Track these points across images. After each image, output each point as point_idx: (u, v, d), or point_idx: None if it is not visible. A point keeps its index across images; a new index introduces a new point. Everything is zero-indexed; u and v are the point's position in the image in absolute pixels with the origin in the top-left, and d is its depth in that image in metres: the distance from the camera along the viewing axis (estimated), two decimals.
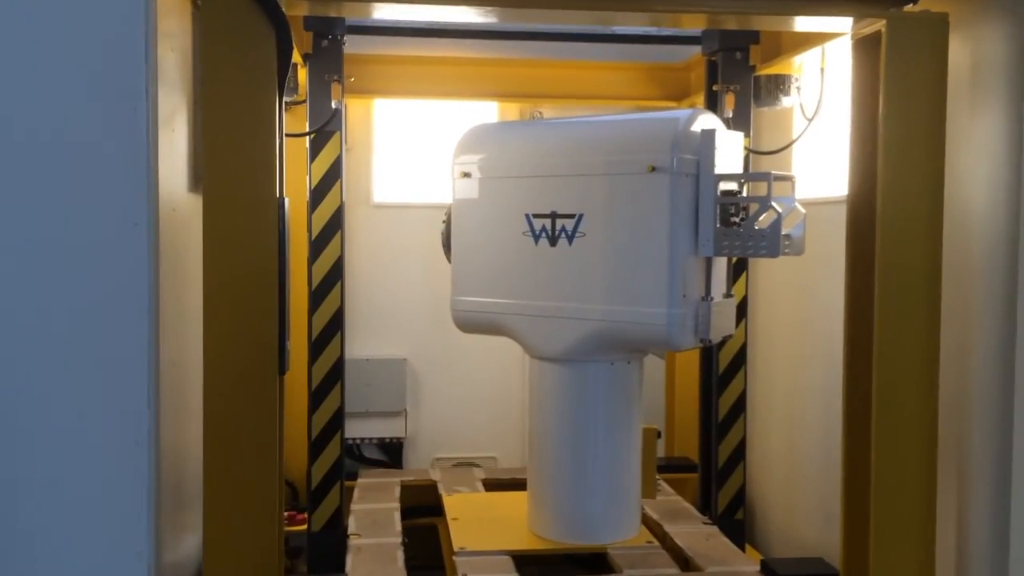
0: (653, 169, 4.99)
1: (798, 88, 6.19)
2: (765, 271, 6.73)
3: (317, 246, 5.81)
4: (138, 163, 3.36)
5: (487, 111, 8.00)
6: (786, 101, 6.15)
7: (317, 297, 5.77)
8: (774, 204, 4.90)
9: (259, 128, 4.01)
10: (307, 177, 5.90)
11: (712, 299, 5.17)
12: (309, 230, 5.83)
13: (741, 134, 5.39)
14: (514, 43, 7.84)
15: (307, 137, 5.83)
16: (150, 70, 3.49)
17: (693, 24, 4.97)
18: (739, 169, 5.35)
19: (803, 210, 5.14)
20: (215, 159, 3.80)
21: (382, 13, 4.43)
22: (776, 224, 4.84)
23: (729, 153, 5.27)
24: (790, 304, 6.49)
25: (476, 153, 5.83)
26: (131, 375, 3.40)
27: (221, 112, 3.77)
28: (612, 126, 5.52)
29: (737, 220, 5.10)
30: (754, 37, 6.02)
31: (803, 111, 6.20)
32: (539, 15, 4.56)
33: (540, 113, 8.05)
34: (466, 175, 5.79)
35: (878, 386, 4.23)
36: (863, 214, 4.58)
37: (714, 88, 6.06)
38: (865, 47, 4.58)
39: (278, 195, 4.09)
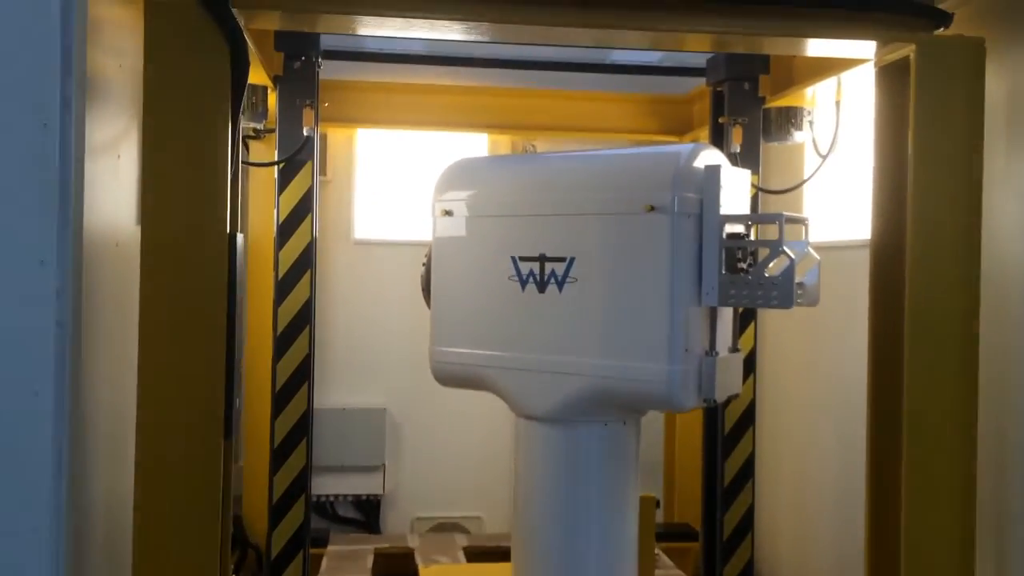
0: (652, 209, 4.58)
1: (811, 122, 5.81)
2: (774, 321, 6.29)
3: (283, 287, 5.38)
4: (47, 190, 2.91)
5: (477, 143, 7.70)
6: (798, 136, 5.77)
7: (281, 344, 5.33)
8: (786, 249, 4.49)
9: (209, 153, 3.64)
10: (274, 210, 5.47)
11: (717, 354, 4.72)
12: (276, 269, 5.38)
13: (748, 171, 4.98)
14: (506, 72, 7.56)
15: (275, 167, 5.41)
16: (73, 82, 3.06)
17: (698, 46, 4.59)
18: (747, 209, 4.94)
19: (817, 256, 4.72)
20: (155, 188, 3.44)
21: (364, 27, 4.02)
22: (789, 271, 4.42)
23: (736, 192, 4.86)
24: (801, 357, 6.04)
25: (459, 189, 5.41)
26: (35, 431, 2.94)
27: (164, 134, 3.42)
28: (607, 161, 5.12)
29: (744, 266, 4.68)
30: (764, 66, 5.65)
31: (816, 147, 5.82)
32: (533, 33, 4.16)
33: (533, 147, 7.70)
34: (448, 213, 5.37)
35: (909, 450, 3.80)
36: (889, 259, 4.17)
37: (720, 121, 5.69)
38: (890, 75, 4.20)
39: (229, 229, 3.65)
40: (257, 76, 5.36)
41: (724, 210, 4.63)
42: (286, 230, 5.47)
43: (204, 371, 3.56)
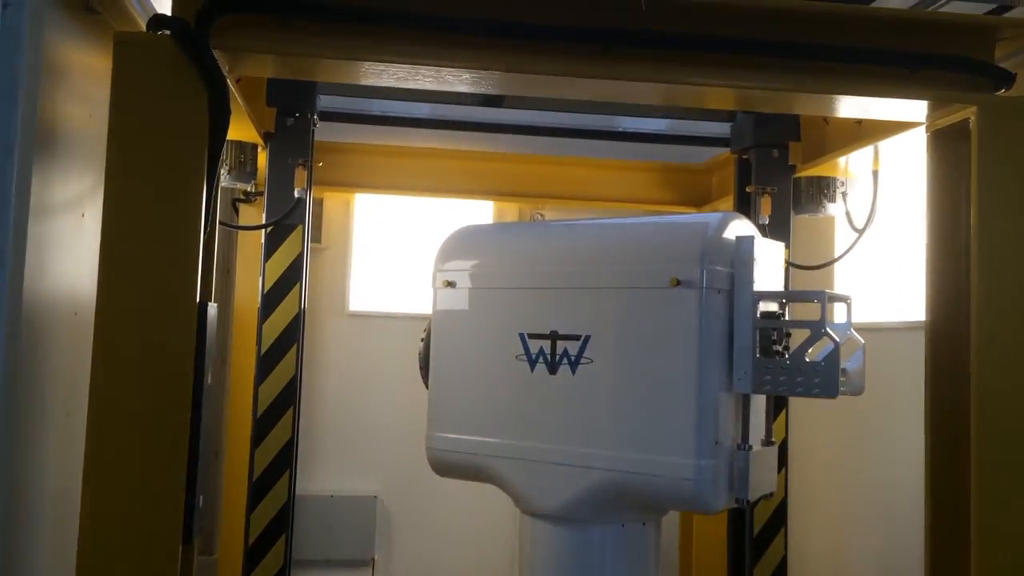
0: (678, 283, 4.17)
1: (844, 193, 5.41)
2: (805, 410, 5.79)
3: (265, 363, 4.92)
4: None
5: (482, 211, 7.39)
6: (831, 208, 5.36)
7: (261, 427, 4.85)
8: (830, 331, 4.04)
9: (180, 211, 3.25)
10: (259, 279, 5.04)
11: (751, 447, 4.24)
12: (258, 343, 4.92)
13: (782, 244, 4.56)
14: (514, 138, 7.29)
15: (263, 231, 5.00)
16: (17, 125, 2.67)
17: (727, 104, 4.20)
18: (781, 285, 4.51)
19: (861, 339, 4.28)
20: (115, 249, 3.05)
21: (366, 75, 3.63)
22: (833, 356, 3.99)
23: (769, 266, 4.46)
24: (835, 451, 5.53)
25: (463, 258, 5.00)
26: None
27: (129, 188, 3.05)
28: (627, 230, 4.72)
29: (780, 348, 4.23)
30: (794, 132, 5.31)
31: (850, 220, 5.41)
32: (548, 85, 3.76)
33: (541, 215, 7.37)
34: (450, 284, 4.95)
35: (978, 563, 3.27)
36: (948, 342, 3.76)
37: (747, 190, 5.29)
38: (945, 141, 3.82)
39: (200, 298, 3.23)
40: (246, 133, 5.01)
41: (758, 286, 4.22)
42: (271, 300, 5.04)
43: (163, 464, 3.10)
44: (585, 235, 4.85)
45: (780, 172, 5.36)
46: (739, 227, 4.48)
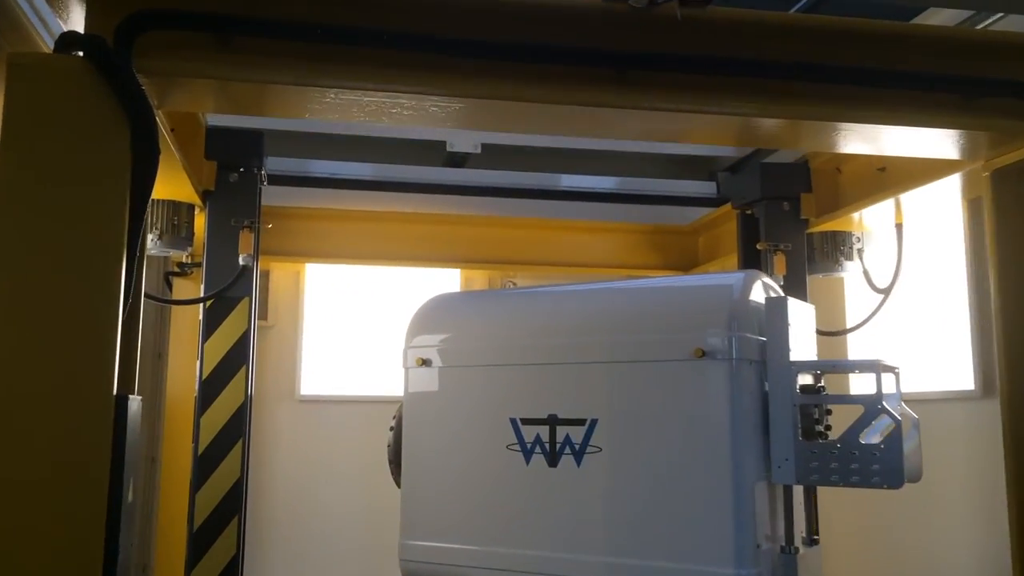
0: (702, 354, 3.59)
1: (860, 250, 4.87)
2: (824, 497, 5.13)
3: (205, 465, 4.13)
4: None
5: (448, 280, 6.77)
6: (848, 266, 4.81)
7: (199, 543, 4.01)
8: (888, 407, 3.43)
9: (93, 282, 2.57)
10: (197, 364, 4.26)
11: (797, 550, 3.57)
12: (195, 441, 4.12)
13: (813, 306, 3.97)
14: (480, 199, 6.69)
15: (200, 305, 4.25)
16: None
17: (744, 138, 3.59)
18: (815, 353, 3.92)
19: (915, 415, 3.69)
20: (8, 331, 2.33)
21: (328, 105, 2.94)
22: (895, 438, 3.38)
23: (802, 332, 3.87)
24: (869, 539, 4.87)
25: (438, 332, 4.39)
26: None
27: (26, 252, 2.34)
28: (637, 295, 4.14)
29: (822, 428, 3.62)
30: (804, 183, 4.80)
31: (869, 279, 4.86)
32: (546, 115, 3.12)
33: (513, 283, 6.81)
34: (424, 363, 4.32)
35: None
36: None
37: (758, 247, 4.72)
38: (1010, 181, 3.26)
39: (119, 390, 2.58)
40: (182, 191, 4.30)
41: (796, 355, 3.62)
42: (212, 388, 4.28)
43: None
44: (587, 302, 4.23)
45: (792, 227, 4.84)
46: (765, 287, 3.90)
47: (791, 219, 4.86)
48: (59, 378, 2.51)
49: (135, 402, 2.72)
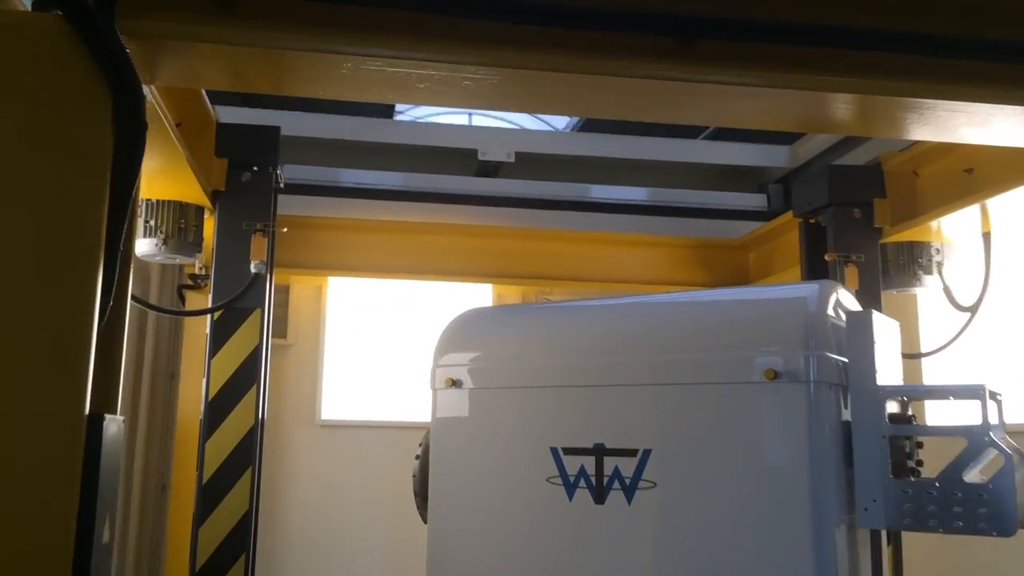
0: (775, 376, 3.12)
1: (939, 263, 4.38)
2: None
3: (209, 496, 3.71)
4: None
5: (479, 296, 6.40)
6: (927, 281, 4.32)
7: None
8: (996, 439, 2.94)
9: (63, 279, 2.13)
10: (203, 382, 3.85)
11: None
12: (199, 468, 3.71)
13: (897, 323, 3.49)
14: (514, 211, 6.35)
15: (208, 317, 3.86)
16: None
17: (831, 122, 3.08)
18: (900, 376, 3.44)
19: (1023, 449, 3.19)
20: None
21: (350, 84, 2.52)
22: (1006, 477, 2.89)
23: (888, 352, 3.38)
24: None
25: (469, 350, 3.97)
26: None
27: None
28: (698, 308, 3.69)
29: (913, 464, 3.15)
30: (878, 187, 4.32)
31: (950, 295, 4.36)
32: (593, 90, 2.67)
33: (548, 299, 6.38)
34: (454, 384, 3.90)
35: None
36: None
37: (827, 259, 4.24)
38: None
39: (92, 409, 2.21)
40: (189, 191, 3.91)
41: (883, 378, 3.14)
42: (218, 409, 3.88)
43: None
44: (638, 316, 3.76)
45: (864, 236, 4.37)
46: (844, 300, 3.43)
47: (863, 227, 4.38)
48: (18, 394, 2.11)
49: (114, 424, 2.30)
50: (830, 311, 3.27)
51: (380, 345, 6.07)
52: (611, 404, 3.56)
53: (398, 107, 12.70)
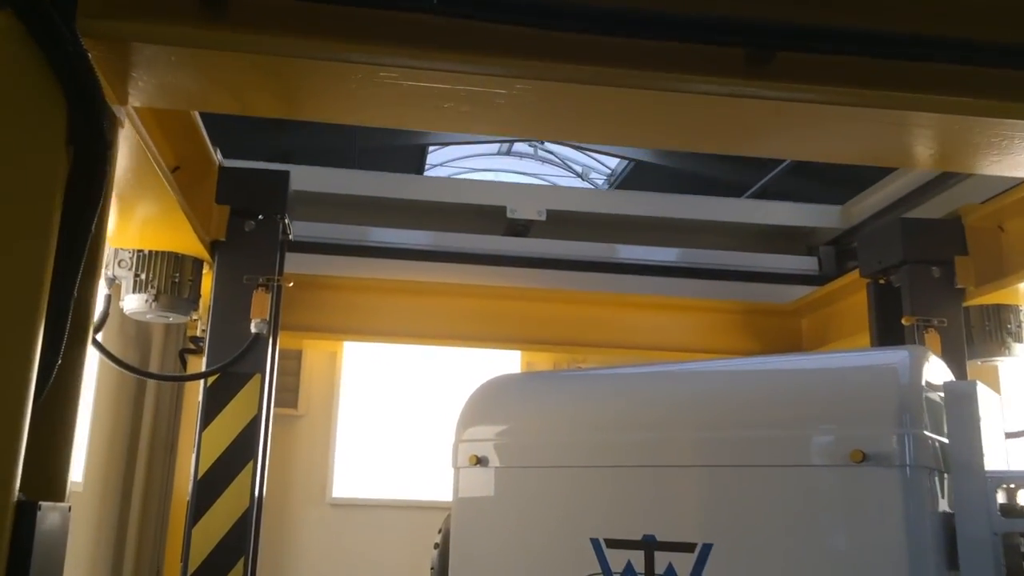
0: (863, 458, 2.63)
1: None
2: None
3: None
4: None
5: (507, 364, 5.92)
6: (1018, 350, 3.83)
7: None
8: None
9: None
10: (193, 457, 3.41)
11: None
12: (183, 559, 3.23)
13: (998, 396, 3.00)
14: (545, 272, 6.01)
15: (200, 382, 3.43)
16: None
17: (891, 154, 2.63)
18: (1006, 459, 2.94)
19: None
20: None
21: (368, 103, 2.12)
22: None
23: (991, 431, 2.87)
24: None
25: (496, 423, 3.56)
26: None
27: None
28: (767, 376, 3.22)
29: None
30: (958, 243, 3.86)
31: None
32: (617, 107, 2.24)
33: (581, 368, 5.86)
34: (479, 461, 3.47)
35: None
36: None
37: (904, 322, 3.77)
38: None
39: (20, 495, 1.79)
40: (185, 242, 3.53)
41: (991, 462, 2.65)
42: (209, 489, 3.41)
43: None
44: (694, 385, 3.28)
45: (946, 298, 3.91)
46: (936, 369, 2.94)
47: (943, 288, 3.92)
48: None
49: (54, 513, 1.86)
50: (924, 382, 2.79)
51: (399, 417, 5.67)
52: (663, 488, 3.07)
53: (428, 161, 12.45)
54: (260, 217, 3.66)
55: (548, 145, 14.22)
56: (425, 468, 5.43)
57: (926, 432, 2.74)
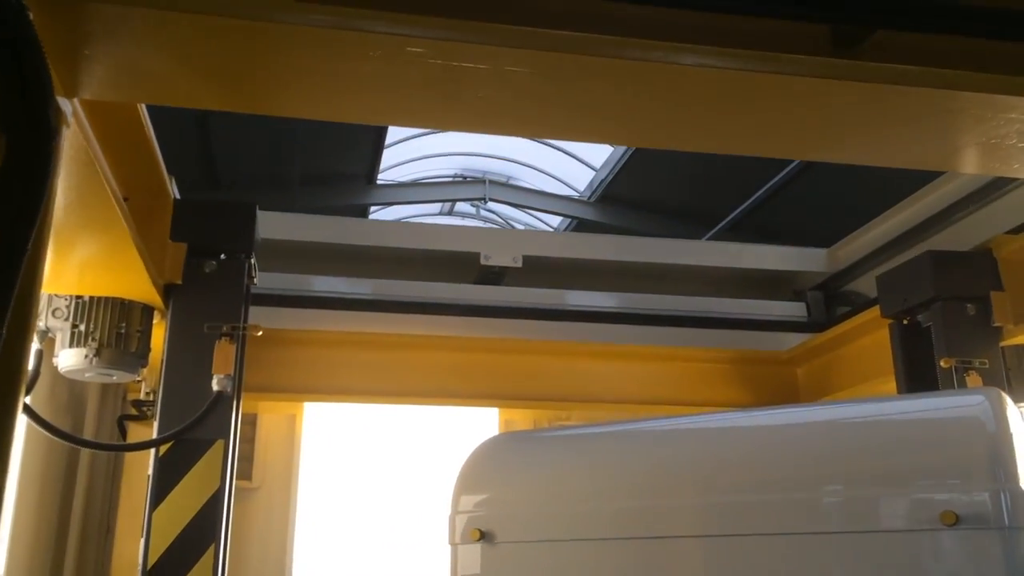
0: (955, 521, 2.24)
1: None
2: None
3: None
4: None
5: (483, 421, 5.43)
6: None
7: None
8: None
9: None
10: (142, 542, 2.88)
11: None
12: None
13: None
14: (524, 322, 5.61)
15: (151, 452, 2.93)
16: None
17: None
18: None
19: None
20: None
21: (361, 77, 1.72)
22: None
23: None
24: None
25: (500, 490, 3.16)
26: None
27: None
28: (817, 431, 2.79)
29: None
30: (992, 277, 3.59)
31: None
32: (673, 91, 1.88)
33: (567, 425, 5.56)
34: (481, 536, 2.97)
35: None
36: None
37: (943, 364, 3.45)
38: None
39: None
40: (134, 285, 3.04)
41: None
42: None
43: None
44: (737, 441, 2.90)
45: (983, 338, 3.62)
46: (1016, 416, 2.60)
47: (979, 327, 3.62)
48: None
49: None
50: (1016, 428, 2.44)
51: (367, 487, 5.15)
52: (708, 562, 2.64)
53: (373, 208, 12.05)
54: (222, 256, 3.19)
55: (490, 204, 14.09)
56: (400, 545, 4.93)
57: (1023, 487, 2.40)
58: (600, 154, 11.42)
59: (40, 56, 1.41)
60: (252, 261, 3.32)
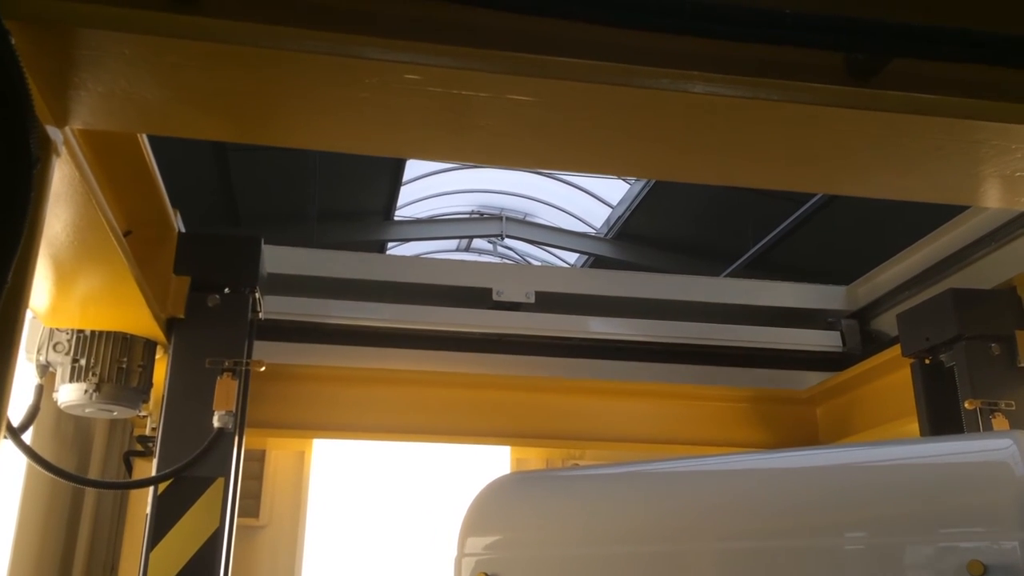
0: (983, 572, 2.12)
1: None
2: None
3: None
4: None
5: (494, 460, 5.29)
6: None
7: None
8: None
9: None
10: None
11: None
12: None
13: None
14: (536, 359, 5.52)
15: (150, 490, 2.87)
16: None
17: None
18: None
19: None
20: None
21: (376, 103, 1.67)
22: None
23: None
24: None
25: (509, 531, 3.00)
26: None
27: None
28: (838, 474, 2.68)
29: None
30: (1016, 315, 3.49)
31: None
32: (684, 124, 1.81)
33: (576, 464, 5.47)
34: None
35: None
36: None
37: (967, 406, 3.33)
38: None
39: None
40: (136, 320, 2.98)
41: None
42: None
43: None
44: (755, 484, 2.78)
45: (1008, 378, 3.50)
46: None
47: (1004, 367, 3.50)
48: None
49: None
50: None
51: (377, 525, 5.02)
52: None
53: (391, 244, 12.07)
54: (226, 291, 3.15)
55: (507, 241, 14.08)
56: None
57: None
58: (617, 191, 11.39)
59: (21, 81, 1.36)
60: (257, 295, 3.27)
